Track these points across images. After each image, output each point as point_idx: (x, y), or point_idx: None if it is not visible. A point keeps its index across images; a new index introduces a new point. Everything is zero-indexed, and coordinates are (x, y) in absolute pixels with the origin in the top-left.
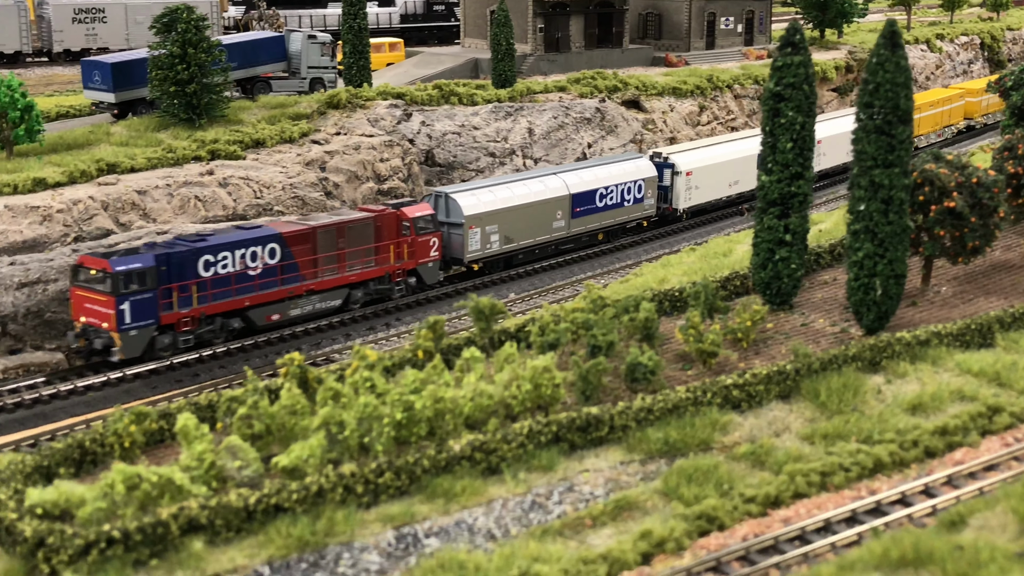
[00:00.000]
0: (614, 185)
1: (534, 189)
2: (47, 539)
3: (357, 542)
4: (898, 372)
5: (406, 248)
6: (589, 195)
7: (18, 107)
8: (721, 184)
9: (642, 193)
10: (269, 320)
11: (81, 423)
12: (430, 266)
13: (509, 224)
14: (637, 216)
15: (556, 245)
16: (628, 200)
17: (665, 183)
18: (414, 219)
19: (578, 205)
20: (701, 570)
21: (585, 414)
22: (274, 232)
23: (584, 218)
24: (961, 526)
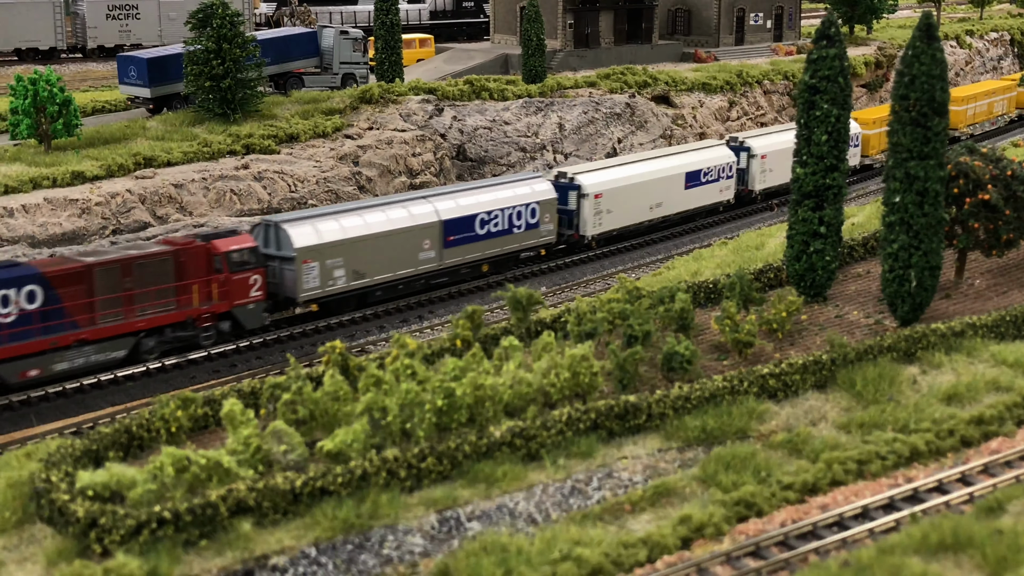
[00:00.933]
0: (499, 210)
1: (394, 216)
2: (99, 519)
3: (401, 525)
4: (933, 363)
5: (216, 287)
6: (466, 222)
7: (56, 102)
8: (640, 207)
9: (536, 218)
10: (25, 376)
11: (122, 411)
12: (250, 308)
13: (359, 257)
14: (531, 244)
15: (426, 279)
16: (518, 226)
17: (571, 207)
18: (227, 253)
19: (452, 233)
20: (741, 555)
21: (623, 402)
22: (33, 272)
23: (460, 248)
24: (999, 512)
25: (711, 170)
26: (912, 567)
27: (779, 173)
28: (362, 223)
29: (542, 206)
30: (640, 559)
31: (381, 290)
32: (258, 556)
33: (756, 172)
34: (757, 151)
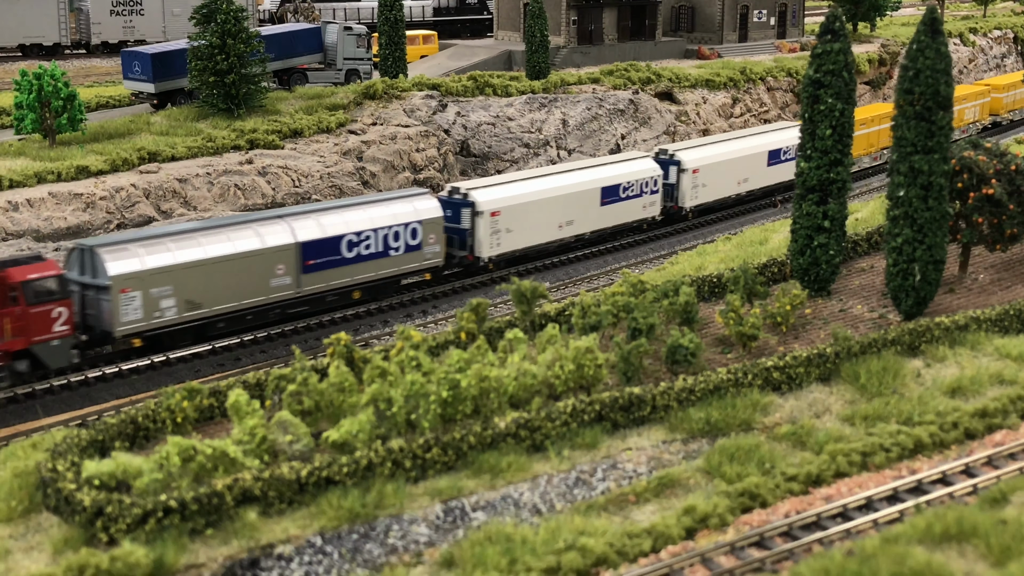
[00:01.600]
0: (372, 231)
1: (238, 239)
2: (105, 508)
3: (406, 514)
4: (937, 356)
5: (9, 322)
6: (330, 244)
7: (61, 96)
8: (546, 226)
9: (419, 239)
10: None
11: (126, 403)
12: (54, 345)
13: (193, 285)
14: (412, 268)
15: (281, 308)
16: (396, 249)
17: (464, 226)
18: (24, 283)
19: (312, 257)
20: (745, 545)
21: (628, 393)
22: None
23: (323, 273)
24: (1003, 503)
25: (632, 185)
26: (916, 556)
27: (714, 188)
28: (197, 247)
29: (426, 226)
30: (644, 549)
31: (224, 322)
32: (264, 545)
33: (687, 187)
34: (688, 164)
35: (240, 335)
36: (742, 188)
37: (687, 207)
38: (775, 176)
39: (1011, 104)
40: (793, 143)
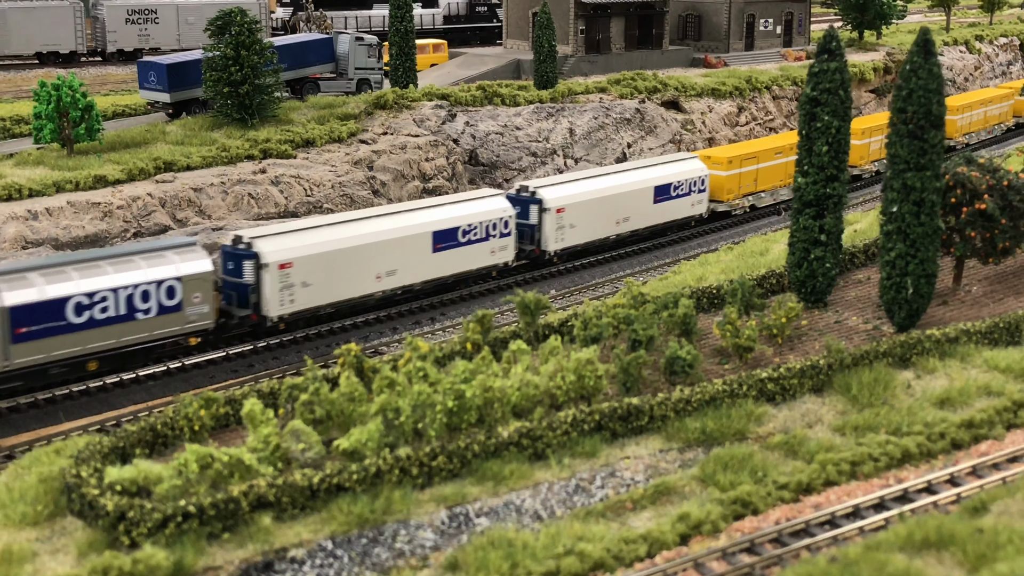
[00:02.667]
0: (111, 291)
1: None
2: (128, 513)
3: (413, 520)
4: (927, 368)
5: None
6: (50, 308)
7: (79, 106)
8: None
9: (178, 299)
10: None
11: (143, 409)
12: None
13: None
14: (167, 333)
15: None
16: (145, 311)
17: (247, 280)
18: None
19: (27, 323)
20: (736, 550)
21: (626, 404)
22: None
23: (43, 342)
24: (983, 512)
25: (475, 227)
26: (896, 563)
27: (585, 229)
28: None
29: (188, 283)
30: (640, 554)
31: None
32: (277, 548)
33: (550, 229)
34: (551, 203)
35: None
36: (622, 228)
37: (551, 250)
38: (664, 214)
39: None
40: (688, 176)
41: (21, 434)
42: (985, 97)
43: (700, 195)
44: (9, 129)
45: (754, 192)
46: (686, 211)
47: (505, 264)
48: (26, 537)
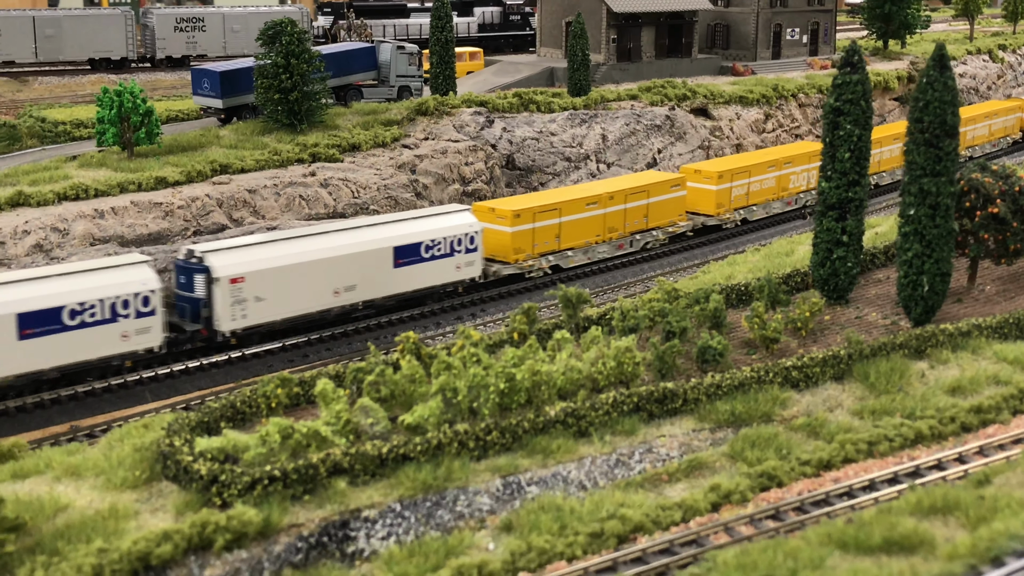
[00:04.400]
0: None
1: None
2: (220, 476)
3: (471, 487)
4: (940, 359)
5: None
6: None
7: (139, 111)
8: None
9: None
10: None
11: (208, 394)
12: None
13: None
14: None
15: None
16: None
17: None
18: None
19: None
20: (762, 517)
21: (662, 388)
22: None
23: None
24: (987, 484)
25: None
26: (906, 524)
27: (280, 303)
28: None
29: None
30: (675, 519)
31: None
32: (352, 509)
33: (223, 304)
34: (223, 271)
35: None
36: (346, 299)
37: (226, 330)
38: (412, 280)
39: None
40: (450, 233)
41: (96, 416)
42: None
43: (469, 255)
44: (70, 132)
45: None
46: (448, 275)
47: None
48: (127, 498)
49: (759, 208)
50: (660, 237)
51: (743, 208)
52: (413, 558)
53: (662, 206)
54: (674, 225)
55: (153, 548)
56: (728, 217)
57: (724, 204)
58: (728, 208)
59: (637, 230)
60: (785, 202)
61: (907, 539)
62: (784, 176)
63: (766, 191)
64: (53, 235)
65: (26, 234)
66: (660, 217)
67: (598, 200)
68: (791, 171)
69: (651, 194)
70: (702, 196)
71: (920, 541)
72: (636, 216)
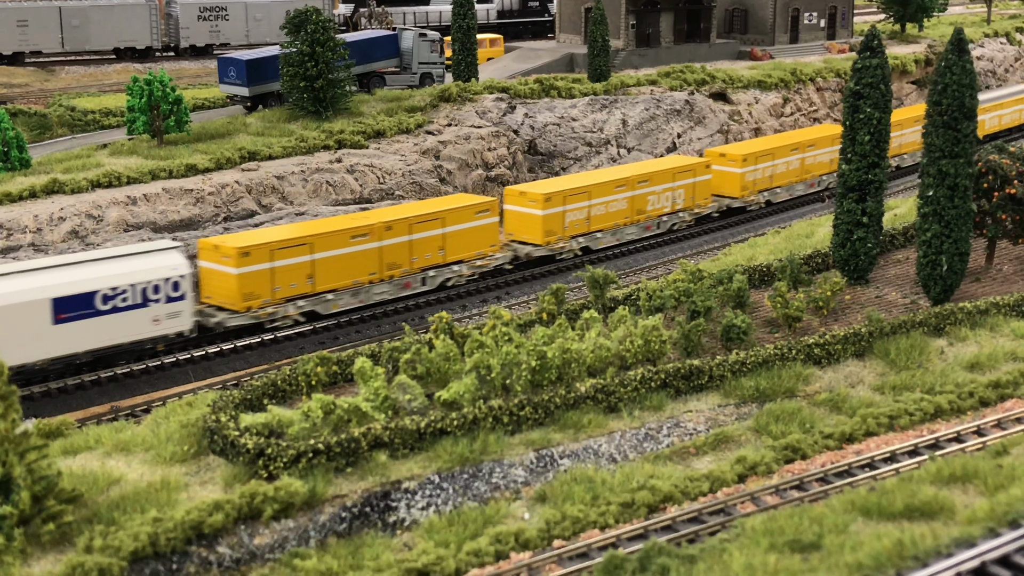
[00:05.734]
0: None
1: None
2: (266, 450)
3: (506, 460)
4: (959, 336)
5: None
6: None
7: (169, 100)
8: None
9: None
10: None
11: (244, 375)
12: None
13: None
14: None
15: None
16: None
17: None
18: None
19: None
20: (787, 487)
21: (688, 365)
22: None
23: None
24: (1005, 454)
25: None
26: (926, 492)
27: None
28: None
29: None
30: (703, 490)
31: None
32: (393, 481)
33: None
34: None
35: None
36: None
37: None
38: (84, 339)
39: None
40: (141, 278)
41: (135, 396)
42: None
43: (173, 304)
44: (99, 121)
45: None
46: (141, 330)
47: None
48: (177, 472)
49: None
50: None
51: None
52: (452, 527)
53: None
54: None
55: (205, 517)
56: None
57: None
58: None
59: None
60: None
61: (927, 505)
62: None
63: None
64: (88, 221)
65: (62, 220)
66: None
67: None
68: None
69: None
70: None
71: (940, 507)
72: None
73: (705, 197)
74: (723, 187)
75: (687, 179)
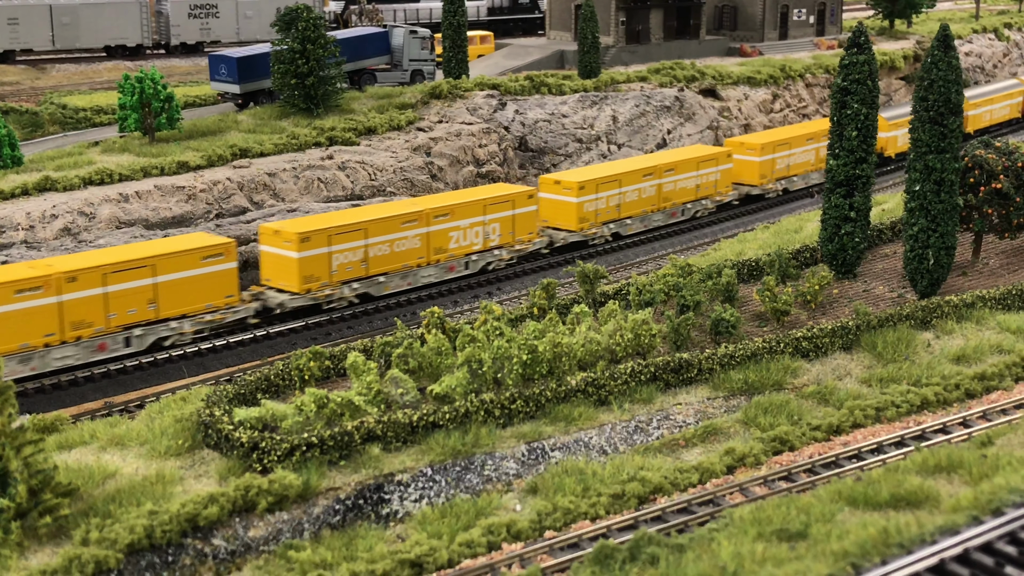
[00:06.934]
0: None
1: None
2: (260, 444)
3: (498, 452)
4: (946, 329)
5: None
6: None
7: (160, 97)
8: None
9: None
10: None
11: (236, 371)
12: None
13: None
14: None
15: None
16: None
17: None
18: None
19: None
20: (775, 478)
21: (678, 358)
22: None
23: None
24: (989, 445)
25: None
26: (912, 481)
27: None
28: None
29: None
30: (693, 481)
31: None
32: (386, 473)
33: None
34: None
35: None
36: None
37: None
38: None
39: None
40: None
41: (128, 392)
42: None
43: None
44: (90, 119)
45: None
46: None
47: None
48: (171, 465)
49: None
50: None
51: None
52: (445, 518)
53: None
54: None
55: (200, 510)
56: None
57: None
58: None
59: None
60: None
61: (913, 495)
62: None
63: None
64: (80, 219)
65: (54, 218)
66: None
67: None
68: None
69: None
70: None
71: (926, 496)
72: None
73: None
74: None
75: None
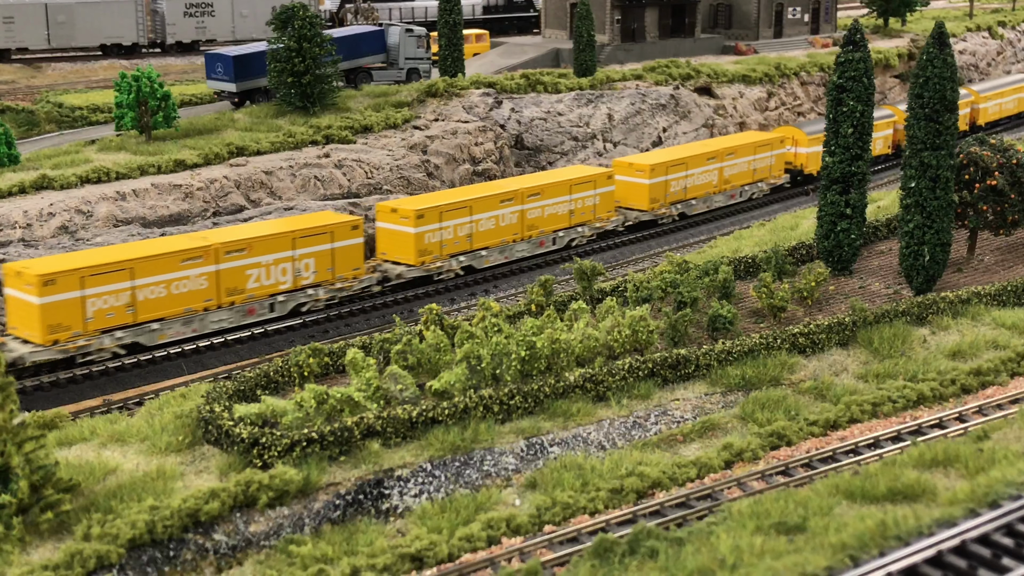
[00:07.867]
0: None
1: None
2: (261, 439)
3: (496, 448)
4: (941, 325)
5: None
6: None
7: (157, 96)
8: None
9: None
10: None
11: (234, 368)
12: None
13: None
14: None
15: None
16: None
17: None
18: None
19: None
20: (772, 473)
21: (676, 354)
22: None
23: None
24: (985, 439)
25: None
26: (908, 475)
27: None
28: None
29: None
30: (691, 476)
31: None
32: (386, 469)
33: None
34: None
35: None
36: None
37: None
38: None
39: None
40: None
41: (127, 390)
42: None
43: None
44: (86, 117)
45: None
46: None
47: None
48: (172, 461)
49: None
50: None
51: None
52: (445, 513)
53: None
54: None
55: (202, 505)
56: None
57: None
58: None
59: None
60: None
61: (910, 488)
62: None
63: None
64: (77, 217)
65: (51, 216)
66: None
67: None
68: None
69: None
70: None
71: (923, 490)
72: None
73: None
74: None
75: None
